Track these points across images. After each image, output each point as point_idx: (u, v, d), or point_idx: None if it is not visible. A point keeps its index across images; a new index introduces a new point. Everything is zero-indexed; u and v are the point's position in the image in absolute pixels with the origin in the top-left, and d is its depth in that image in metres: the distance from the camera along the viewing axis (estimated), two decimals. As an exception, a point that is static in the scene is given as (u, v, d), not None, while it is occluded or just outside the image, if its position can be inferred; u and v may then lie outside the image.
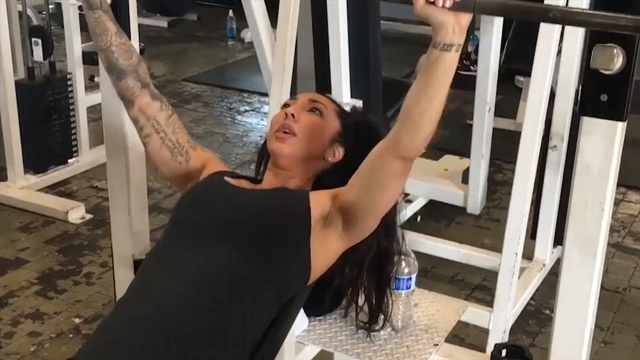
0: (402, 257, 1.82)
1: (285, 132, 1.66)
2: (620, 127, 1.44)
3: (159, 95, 1.76)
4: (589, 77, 1.41)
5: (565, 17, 1.37)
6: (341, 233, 1.55)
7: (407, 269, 1.84)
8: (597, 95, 1.41)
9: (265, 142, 1.79)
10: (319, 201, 1.57)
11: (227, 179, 1.69)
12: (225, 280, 1.47)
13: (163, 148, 1.72)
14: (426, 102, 1.36)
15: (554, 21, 1.38)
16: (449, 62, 1.34)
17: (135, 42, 2.06)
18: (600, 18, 1.28)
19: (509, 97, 4.69)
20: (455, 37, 1.31)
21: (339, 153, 1.70)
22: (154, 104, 1.72)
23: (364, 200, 1.50)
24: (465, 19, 1.30)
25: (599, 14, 1.29)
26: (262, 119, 4.64)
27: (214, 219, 1.57)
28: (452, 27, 1.30)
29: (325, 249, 1.56)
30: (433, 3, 1.27)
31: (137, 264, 2.16)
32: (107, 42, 1.68)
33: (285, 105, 1.74)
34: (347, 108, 1.84)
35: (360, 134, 1.72)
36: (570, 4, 2.16)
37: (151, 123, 1.71)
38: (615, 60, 1.35)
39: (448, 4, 1.26)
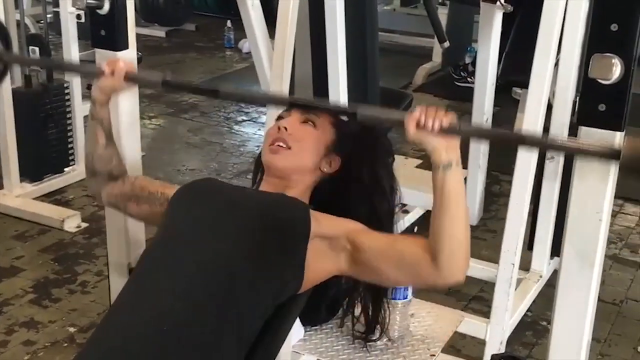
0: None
1: (279, 146, 1.66)
2: (618, 137, 1.44)
3: (123, 173, 1.82)
4: (587, 86, 1.42)
5: (542, 144, 1.50)
6: (342, 267, 1.56)
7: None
8: (595, 105, 1.42)
9: (260, 154, 1.79)
10: (323, 222, 1.57)
11: (223, 181, 1.70)
12: (219, 279, 1.47)
13: (141, 206, 1.78)
14: (450, 224, 1.42)
15: (532, 146, 1.55)
16: (455, 179, 1.41)
17: (133, 51, 2.06)
18: (573, 143, 1.37)
19: (506, 109, 4.69)
20: (450, 155, 1.39)
21: (335, 163, 1.70)
22: (116, 185, 1.80)
23: (380, 274, 1.54)
24: (455, 139, 1.39)
25: (572, 142, 1.38)
26: (259, 129, 4.64)
27: (211, 215, 1.58)
28: (444, 148, 1.38)
29: (321, 267, 1.56)
30: (424, 128, 1.36)
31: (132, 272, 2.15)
32: (93, 149, 1.79)
33: (279, 118, 1.75)
34: (345, 118, 1.84)
35: (358, 143, 1.72)
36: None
37: (121, 198, 1.80)
38: (613, 69, 1.36)
39: (437, 126, 1.35)
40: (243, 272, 1.48)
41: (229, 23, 6.43)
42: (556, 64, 2.38)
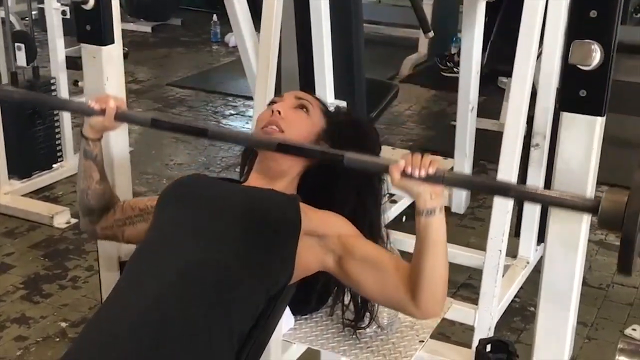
0: (387, 254, 1.83)
1: (272, 129, 1.67)
2: (599, 122, 1.46)
3: (114, 203, 1.81)
4: (568, 72, 1.44)
5: (522, 195, 1.54)
6: (327, 266, 1.59)
7: (392, 266, 1.85)
8: (576, 91, 1.44)
9: (248, 145, 1.80)
10: (314, 219, 1.59)
11: (211, 177, 1.70)
12: (212, 274, 1.48)
13: (136, 225, 1.77)
14: (432, 267, 1.46)
15: (513, 197, 1.61)
16: (437, 225, 1.44)
17: (119, 45, 2.07)
18: (554, 195, 1.39)
19: (493, 98, 4.73)
20: (434, 202, 1.42)
21: (324, 151, 1.71)
22: (108, 216, 1.79)
23: (359, 287, 1.59)
24: (440, 186, 1.41)
25: (553, 194, 1.40)
26: (247, 122, 4.65)
27: (201, 211, 1.58)
28: (429, 194, 1.41)
29: (309, 262, 1.59)
30: (409, 176, 1.38)
31: (123, 265, 2.16)
32: (87, 186, 1.77)
33: (272, 103, 1.76)
34: (331, 108, 1.86)
35: (345, 133, 1.74)
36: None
37: (116, 227, 1.78)
38: (593, 55, 1.38)
39: (423, 173, 1.38)
40: (233, 271, 1.49)
41: (215, 17, 6.42)
42: (539, 55, 2.41)
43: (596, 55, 1.38)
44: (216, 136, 1.62)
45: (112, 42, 2.00)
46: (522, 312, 2.78)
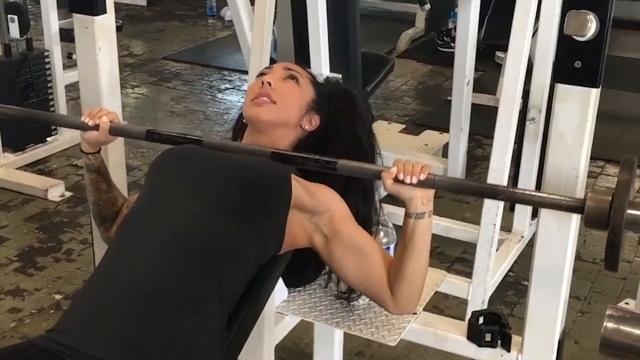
0: (380, 227, 1.83)
1: (263, 100, 1.66)
2: (594, 93, 1.45)
3: (123, 199, 1.78)
4: (563, 43, 1.43)
5: (511, 197, 1.61)
6: (318, 245, 1.59)
7: (385, 238, 1.85)
8: (571, 62, 1.43)
9: (240, 115, 1.79)
10: (305, 190, 1.58)
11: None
12: (201, 239, 1.48)
13: None
14: (413, 266, 1.51)
15: (502, 200, 1.68)
16: (424, 228, 1.49)
17: (111, 16, 2.04)
18: (542, 196, 1.44)
19: (490, 74, 4.71)
20: (425, 206, 1.47)
21: (314, 121, 1.71)
22: (119, 218, 1.75)
23: (341, 270, 1.61)
24: (431, 191, 1.47)
25: (541, 195, 1.46)
26: (242, 97, 4.62)
27: (192, 178, 1.58)
28: (421, 199, 1.46)
29: (297, 235, 1.59)
30: (401, 182, 1.44)
31: (116, 238, 2.16)
32: (98, 198, 1.75)
33: (261, 74, 1.74)
34: (321, 79, 1.84)
35: (335, 102, 1.74)
36: None
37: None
38: (588, 26, 1.37)
39: (415, 180, 1.43)
40: (224, 234, 1.49)
41: (210, -9, 6.38)
42: (536, 31, 2.40)
43: (592, 26, 1.37)
44: (211, 146, 1.66)
45: (105, 12, 1.98)
46: (515, 286, 2.79)
